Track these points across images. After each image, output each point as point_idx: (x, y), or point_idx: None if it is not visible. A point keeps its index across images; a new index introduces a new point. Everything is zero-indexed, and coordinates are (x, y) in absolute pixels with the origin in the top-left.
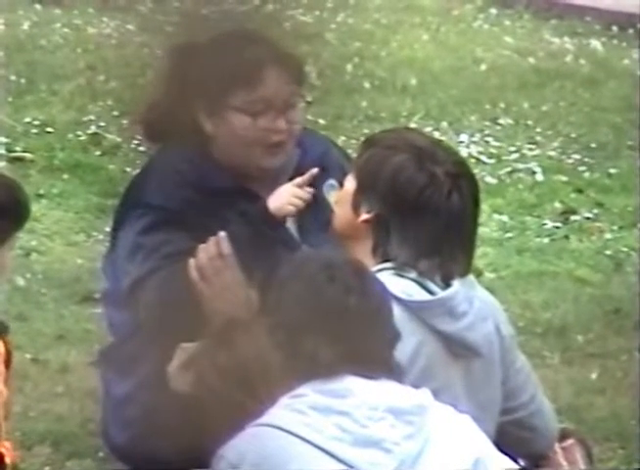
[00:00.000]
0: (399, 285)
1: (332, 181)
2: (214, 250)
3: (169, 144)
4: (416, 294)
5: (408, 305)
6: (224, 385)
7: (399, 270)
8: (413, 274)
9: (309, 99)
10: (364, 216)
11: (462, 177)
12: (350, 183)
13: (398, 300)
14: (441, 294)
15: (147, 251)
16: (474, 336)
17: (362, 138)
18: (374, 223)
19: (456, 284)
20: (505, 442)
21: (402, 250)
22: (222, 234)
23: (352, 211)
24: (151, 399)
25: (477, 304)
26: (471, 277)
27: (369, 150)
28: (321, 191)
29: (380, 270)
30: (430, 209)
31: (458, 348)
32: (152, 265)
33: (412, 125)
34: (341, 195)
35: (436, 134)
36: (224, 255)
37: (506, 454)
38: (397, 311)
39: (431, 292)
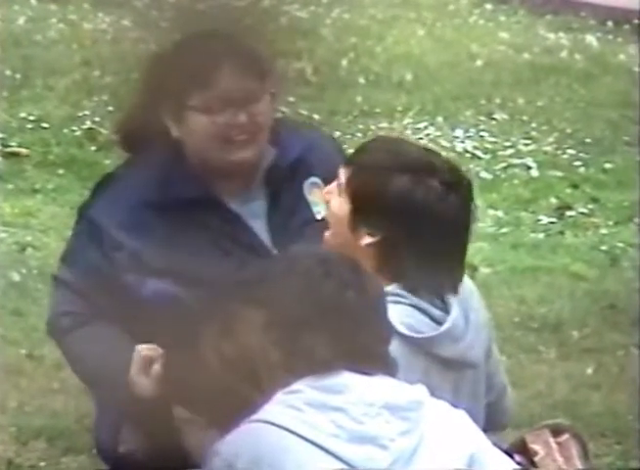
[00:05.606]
0: (398, 315)
1: (314, 179)
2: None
3: (136, 157)
4: (416, 324)
5: (412, 341)
6: (228, 374)
7: (398, 296)
8: (410, 300)
9: (304, 94)
10: (367, 240)
11: (460, 187)
12: (341, 203)
13: (401, 335)
14: (446, 325)
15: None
16: (474, 353)
17: (357, 133)
18: (377, 247)
19: (455, 307)
20: None
21: (408, 270)
22: (139, 348)
23: (351, 234)
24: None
25: (472, 316)
26: None
27: (361, 173)
28: (300, 190)
29: None
30: (436, 224)
31: (457, 365)
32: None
33: (407, 120)
34: (333, 214)
35: (432, 129)
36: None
37: (503, 451)
38: (397, 345)
39: (425, 311)
